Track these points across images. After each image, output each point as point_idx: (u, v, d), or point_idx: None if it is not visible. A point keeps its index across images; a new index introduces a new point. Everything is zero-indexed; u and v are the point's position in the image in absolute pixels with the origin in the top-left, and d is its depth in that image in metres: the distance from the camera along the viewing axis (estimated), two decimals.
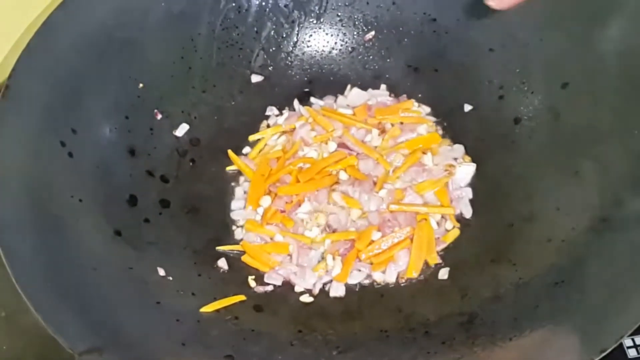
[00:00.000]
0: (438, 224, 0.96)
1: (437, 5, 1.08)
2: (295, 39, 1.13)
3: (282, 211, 0.99)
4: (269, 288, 0.94)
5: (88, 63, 0.95)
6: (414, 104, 1.08)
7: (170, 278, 0.89)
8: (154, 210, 0.97)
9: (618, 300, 0.72)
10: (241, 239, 0.99)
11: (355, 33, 1.13)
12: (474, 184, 0.99)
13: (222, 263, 0.95)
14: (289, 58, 1.13)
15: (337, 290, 0.92)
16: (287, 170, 1.01)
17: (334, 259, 0.94)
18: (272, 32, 1.12)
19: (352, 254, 0.94)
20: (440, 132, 1.05)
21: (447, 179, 0.99)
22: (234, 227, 1.00)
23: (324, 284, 0.93)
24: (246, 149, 1.08)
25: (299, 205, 0.99)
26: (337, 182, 1.01)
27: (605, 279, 0.75)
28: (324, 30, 1.13)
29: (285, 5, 1.11)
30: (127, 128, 0.99)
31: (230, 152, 1.06)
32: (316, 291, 0.93)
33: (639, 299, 0.70)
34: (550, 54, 0.97)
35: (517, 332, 0.76)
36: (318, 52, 1.13)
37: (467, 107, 1.05)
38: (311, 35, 1.13)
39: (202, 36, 1.07)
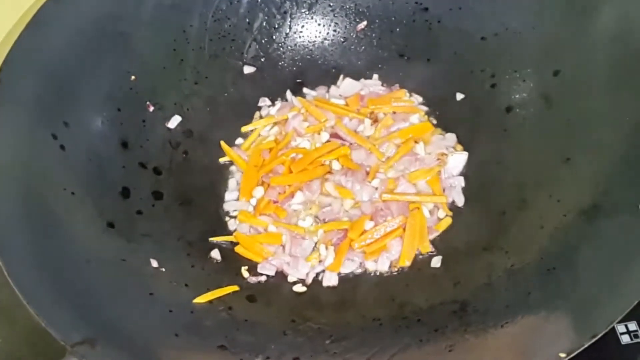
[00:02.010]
0: (430, 212, 0.96)
1: None
2: (287, 30, 1.13)
3: (275, 202, 1.00)
4: (262, 278, 0.94)
5: (80, 56, 0.95)
6: (406, 94, 1.09)
7: (164, 269, 0.89)
8: (147, 202, 0.97)
9: (609, 286, 0.72)
10: (234, 230, 0.99)
11: (347, 23, 1.13)
12: (466, 172, 1.00)
13: (216, 254, 0.95)
14: (281, 49, 1.13)
15: (330, 280, 0.92)
16: (280, 160, 1.02)
17: (326, 248, 0.94)
18: (264, 23, 1.12)
19: (345, 243, 0.94)
20: (433, 121, 1.06)
21: (440, 168, 0.99)
22: (227, 218, 1.01)
23: (317, 274, 0.94)
24: (239, 140, 1.08)
25: (292, 196, 0.99)
26: (329, 172, 1.01)
27: (597, 265, 0.75)
28: (315, 21, 1.13)
29: None
30: (119, 120, 0.99)
31: (222, 143, 1.06)
32: (309, 281, 0.93)
33: (630, 285, 0.70)
34: (541, 42, 0.97)
35: (509, 319, 0.76)
36: (310, 42, 1.13)
37: (459, 96, 1.05)
38: (303, 26, 1.13)
39: (194, 28, 1.07)
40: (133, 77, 1.01)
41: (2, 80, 0.87)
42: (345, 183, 0.99)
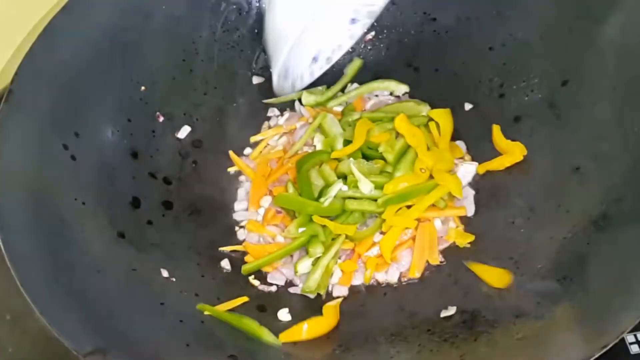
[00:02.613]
0: (442, 222, 0.96)
1: (437, 5, 1.09)
2: None
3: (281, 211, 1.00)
4: (273, 288, 0.94)
5: (90, 67, 0.96)
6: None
7: (174, 279, 0.90)
8: (157, 212, 0.97)
9: (619, 296, 0.72)
10: (244, 240, 0.99)
11: None
12: (475, 182, 0.99)
13: (225, 264, 0.96)
14: None
15: (340, 290, 0.93)
16: (285, 169, 1.02)
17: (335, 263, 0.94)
18: None
19: (353, 260, 0.94)
20: None
21: None
22: (236, 228, 1.01)
23: None
24: (247, 150, 1.09)
25: None
26: None
27: (607, 275, 0.76)
28: None
29: None
30: (129, 131, 0.99)
31: (231, 153, 1.07)
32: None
33: (639, 295, 0.70)
34: (549, 51, 0.97)
35: (520, 329, 0.76)
36: None
37: (468, 106, 1.05)
38: None
39: (203, 39, 1.08)
40: (143, 88, 1.02)
41: (14, 91, 0.88)
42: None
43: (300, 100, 1.11)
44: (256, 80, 1.12)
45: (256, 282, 0.94)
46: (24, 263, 0.77)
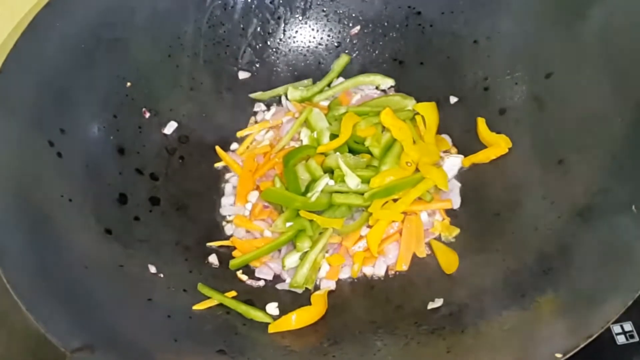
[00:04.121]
0: (428, 215, 0.96)
1: None
2: (281, 35, 1.13)
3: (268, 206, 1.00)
4: (261, 283, 0.94)
5: (76, 63, 0.96)
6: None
7: (162, 275, 0.90)
8: (144, 208, 0.97)
9: (604, 286, 0.72)
10: (231, 235, 0.99)
11: (340, 28, 1.13)
12: (461, 175, 1.00)
13: (213, 259, 0.96)
14: (275, 54, 1.13)
15: (328, 284, 0.93)
16: (272, 163, 1.02)
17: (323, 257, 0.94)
18: (258, 29, 1.12)
19: (340, 254, 0.94)
20: None
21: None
22: (224, 223, 1.01)
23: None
24: (234, 145, 1.09)
25: None
26: None
27: (591, 266, 0.76)
28: (309, 26, 1.13)
29: (271, 2, 1.12)
30: (115, 127, 0.99)
31: (218, 148, 1.07)
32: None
33: (624, 286, 0.71)
34: (533, 44, 0.98)
35: (506, 320, 0.76)
36: (304, 47, 1.14)
37: (453, 99, 1.05)
38: (297, 31, 1.13)
39: (188, 34, 1.08)
40: (129, 84, 1.01)
41: None
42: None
43: (286, 95, 1.11)
44: (242, 75, 1.12)
45: (244, 277, 0.94)
46: (11, 259, 0.77)
